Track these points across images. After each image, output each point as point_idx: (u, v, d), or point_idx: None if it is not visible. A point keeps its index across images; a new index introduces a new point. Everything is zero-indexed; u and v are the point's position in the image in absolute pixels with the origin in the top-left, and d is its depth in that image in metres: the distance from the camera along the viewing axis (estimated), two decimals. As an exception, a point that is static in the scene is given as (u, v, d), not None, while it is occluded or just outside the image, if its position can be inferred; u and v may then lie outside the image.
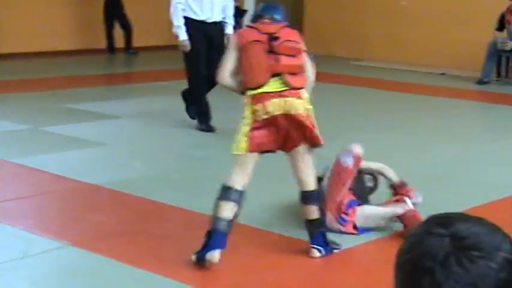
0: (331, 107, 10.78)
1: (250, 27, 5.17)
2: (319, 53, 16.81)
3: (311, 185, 5.06)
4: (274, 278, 4.85)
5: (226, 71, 5.09)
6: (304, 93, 4.99)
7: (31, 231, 5.47)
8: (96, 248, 5.18)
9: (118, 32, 15.81)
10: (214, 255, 4.78)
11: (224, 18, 8.66)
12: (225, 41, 5.39)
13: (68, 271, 4.91)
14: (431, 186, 6.85)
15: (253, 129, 4.88)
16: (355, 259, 5.09)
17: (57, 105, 10.27)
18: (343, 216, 5.47)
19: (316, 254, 5.05)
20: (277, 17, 5.18)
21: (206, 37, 8.49)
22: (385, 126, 9.48)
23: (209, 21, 8.46)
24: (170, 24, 8.59)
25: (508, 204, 6.51)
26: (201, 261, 4.81)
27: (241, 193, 4.89)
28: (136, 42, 15.85)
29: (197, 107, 8.84)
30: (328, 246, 5.11)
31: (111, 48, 15.92)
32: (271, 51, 4.96)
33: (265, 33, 5.01)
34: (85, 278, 4.80)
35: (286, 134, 4.94)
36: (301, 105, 4.91)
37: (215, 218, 4.85)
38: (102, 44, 15.87)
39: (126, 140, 8.55)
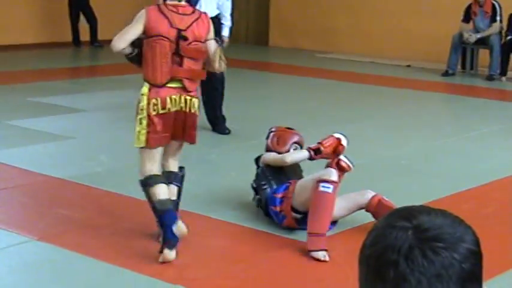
0: (296, 100, 10.81)
1: (161, 12, 4.94)
2: (284, 46, 16.90)
3: (174, 168, 5.23)
4: (242, 271, 4.86)
5: (126, 41, 4.95)
6: (197, 92, 5.13)
7: (-4, 226, 5.43)
8: (63, 243, 5.15)
9: (83, 25, 15.71)
10: (180, 225, 4.90)
11: (219, 15, 8.27)
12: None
13: (34, 265, 4.88)
14: (395, 178, 6.89)
15: (151, 123, 4.94)
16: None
17: (21, 99, 10.19)
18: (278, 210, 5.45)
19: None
20: None
21: None
22: (349, 118, 9.51)
23: None
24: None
25: (473, 195, 6.58)
26: (173, 246, 4.78)
27: (162, 176, 5.01)
28: (102, 35, 15.74)
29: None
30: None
31: (76, 41, 15.82)
32: (177, 52, 4.93)
33: (176, 28, 4.92)
34: (51, 273, 4.77)
35: (175, 129, 5.05)
36: (196, 103, 5.06)
37: (158, 203, 4.87)
38: (68, 37, 15.76)
39: (91, 134, 8.49)
